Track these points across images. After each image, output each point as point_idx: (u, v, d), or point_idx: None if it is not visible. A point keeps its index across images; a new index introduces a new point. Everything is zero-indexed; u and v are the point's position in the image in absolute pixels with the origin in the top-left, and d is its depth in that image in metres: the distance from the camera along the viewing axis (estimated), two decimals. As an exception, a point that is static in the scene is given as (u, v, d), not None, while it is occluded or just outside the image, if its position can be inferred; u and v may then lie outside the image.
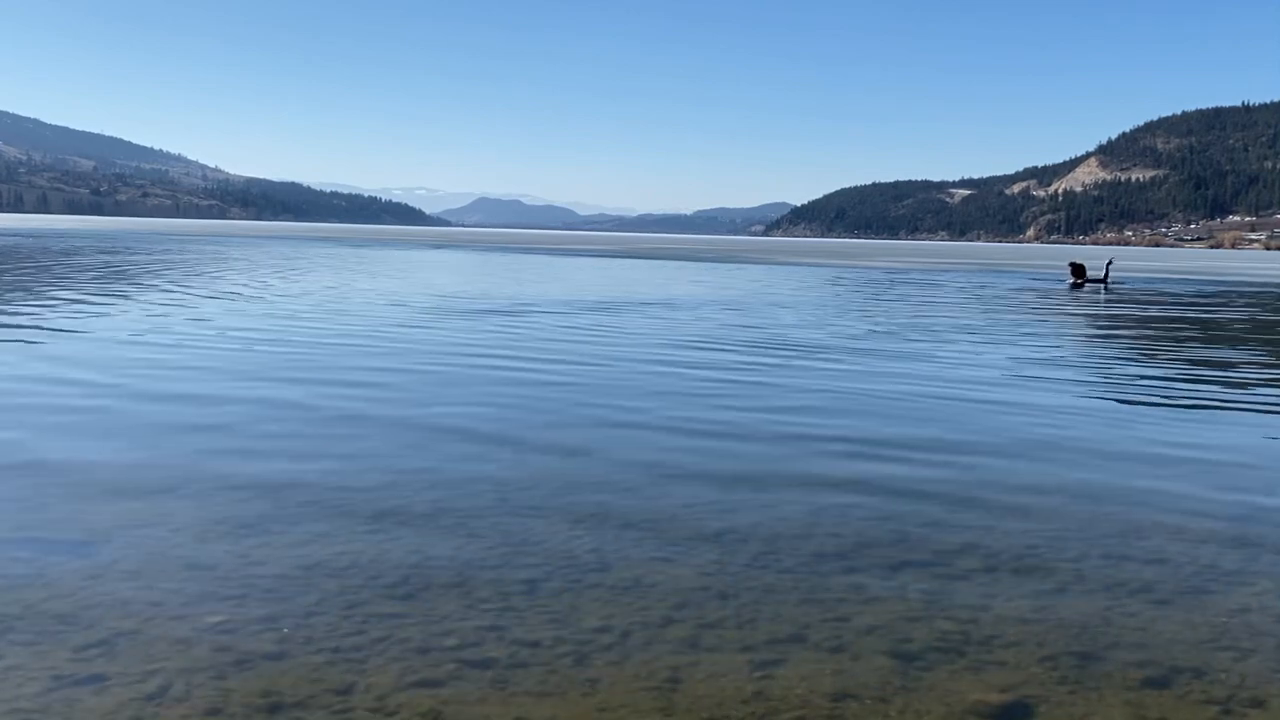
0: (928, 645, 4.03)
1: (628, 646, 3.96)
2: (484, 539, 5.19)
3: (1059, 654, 3.98)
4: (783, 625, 4.20)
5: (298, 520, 5.42)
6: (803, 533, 5.46)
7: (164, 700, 3.43)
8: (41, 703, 3.39)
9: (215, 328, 14.69)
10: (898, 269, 52.01)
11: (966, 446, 7.79)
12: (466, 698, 3.52)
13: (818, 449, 7.59)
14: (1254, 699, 3.66)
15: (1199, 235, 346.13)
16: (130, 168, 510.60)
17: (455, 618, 4.18)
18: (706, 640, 4.04)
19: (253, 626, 4.03)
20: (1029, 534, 5.54)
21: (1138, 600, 4.58)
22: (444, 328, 15.68)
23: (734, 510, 5.85)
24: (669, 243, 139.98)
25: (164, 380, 9.84)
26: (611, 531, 5.36)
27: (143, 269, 30.93)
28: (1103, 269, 31.60)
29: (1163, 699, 3.64)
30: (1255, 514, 6.11)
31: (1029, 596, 4.60)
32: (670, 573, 4.78)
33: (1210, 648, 4.08)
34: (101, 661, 3.70)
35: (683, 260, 57.57)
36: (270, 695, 3.49)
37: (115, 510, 5.51)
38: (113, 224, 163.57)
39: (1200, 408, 10.01)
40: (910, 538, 5.42)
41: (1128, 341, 16.80)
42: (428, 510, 5.65)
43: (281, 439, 7.41)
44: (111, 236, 75.78)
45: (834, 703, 3.55)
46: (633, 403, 9.32)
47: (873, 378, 11.39)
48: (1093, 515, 5.93)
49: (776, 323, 18.14)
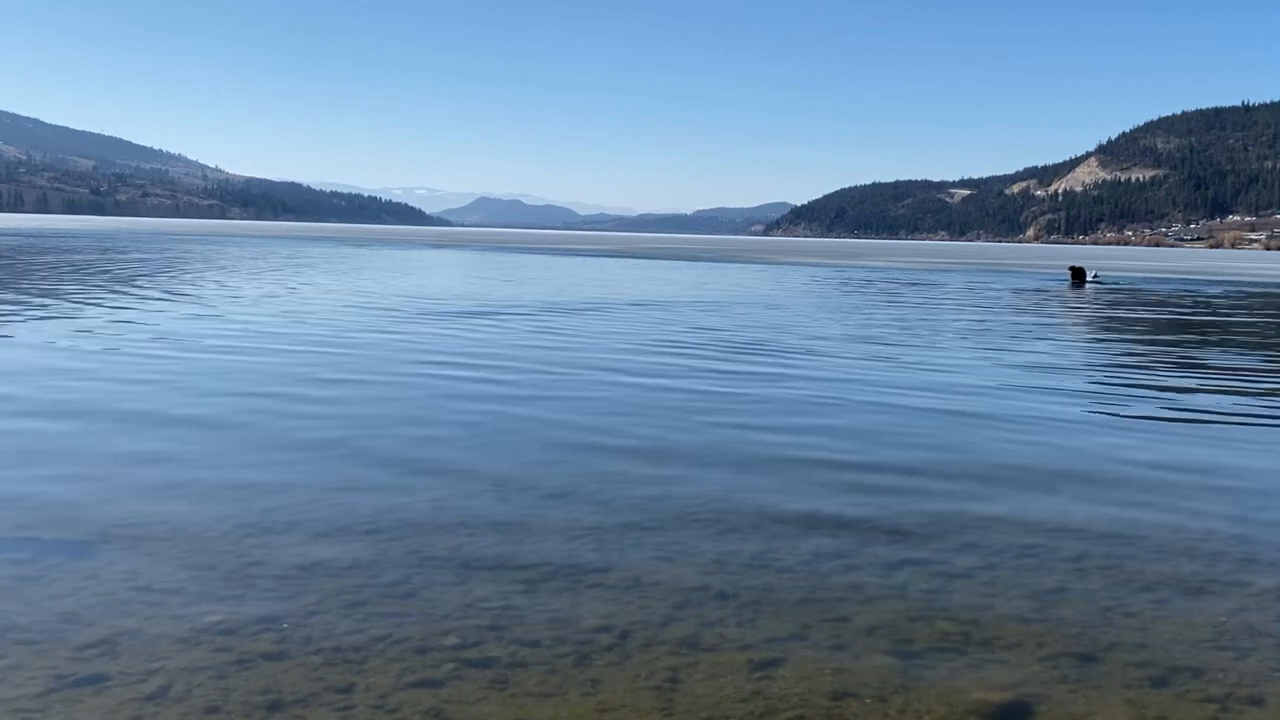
0: (928, 645, 4.03)
1: (628, 646, 3.96)
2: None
3: (1059, 654, 3.98)
4: (783, 625, 4.20)
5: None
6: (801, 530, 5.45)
7: (164, 700, 3.43)
8: (41, 703, 3.39)
9: (154, 334, 14.63)
10: (900, 269, 52.01)
11: (963, 449, 7.79)
12: (466, 698, 3.52)
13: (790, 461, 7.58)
14: (1252, 698, 3.66)
15: (1199, 235, 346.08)
16: (130, 167, 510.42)
17: (456, 617, 4.18)
18: (706, 640, 4.04)
19: (252, 626, 4.03)
20: (1029, 534, 5.54)
21: (1138, 600, 4.58)
22: (405, 331, 15.08)
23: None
24: (668, 243, 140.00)
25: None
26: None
27: (110, 270, 30.92)
28: (1091, 273, 38.48)
29: (1163, 698, 3.64)
30: (1254, 515, 6.11)
31: (1029, 596, 4.60)
32: (671, 572, 4.78)
33: (1210, 647, 4.08)
34: (101, 661, 3.70)
35: (678, 260, 57.54)
36: (270, 694, 3.49)
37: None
38: (111, 224, 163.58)
39: (1192, 402, 10.02)
40: (911, 537, 5.42)
41: (1121, 339, 16.81)
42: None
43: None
44: (97, 236, 75.68)
45: (834, 702, 3.55)
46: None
47: (849, 386, 11.38)
48: (1093, 515, 5.93)
49: (772, 324, 18.14)
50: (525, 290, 26.51)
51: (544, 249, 76.20)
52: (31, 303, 18.11)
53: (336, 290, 24.15)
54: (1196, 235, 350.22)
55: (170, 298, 20.13)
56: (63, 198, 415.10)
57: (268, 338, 13.67)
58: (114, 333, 13.75)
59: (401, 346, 13.19)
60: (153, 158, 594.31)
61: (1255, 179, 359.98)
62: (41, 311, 16.55)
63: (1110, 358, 14.47)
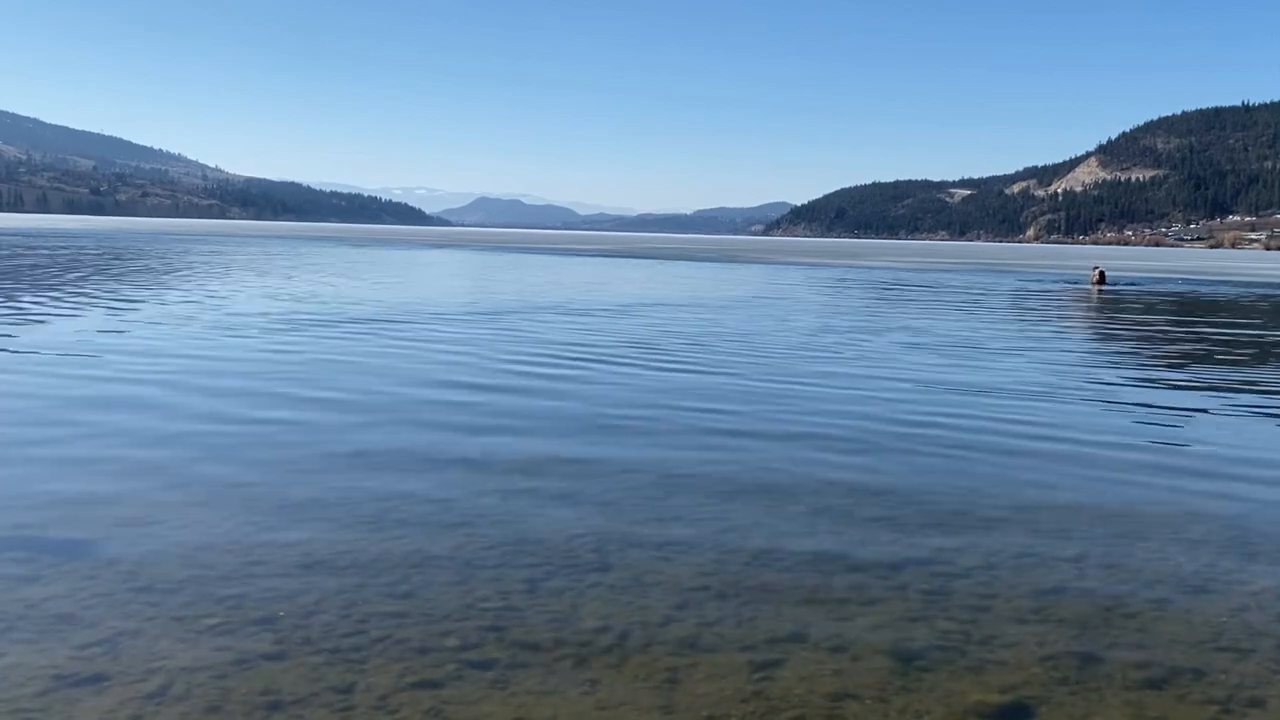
0: (928, 645, 4.03)
1: (627, 646, 3.96)
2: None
3: (1059, 654, 3.98)
4: (783, 625, 4.20)
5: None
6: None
7: (164, 700, 3.43)
8: (41, 703, 3.39)
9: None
10: (906, 269, 52.03)
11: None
12: (466, 698, 3.52)
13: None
14: (1253, 699, 3.66)
15: (1199, 235, 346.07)
16: (130, 167, 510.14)
17: (456, 617, 4.18)
18: (706, 640, 4.04)
19: (252, 626, 4.03)
20: (1030, 533, 5.54)
21: (1138, 600, 4.58)
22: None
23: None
24: (667, 242, 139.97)
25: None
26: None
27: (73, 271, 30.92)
28: (1095, 275, 38.96)
29: (1163, 699, 3.64)
30: (1255, 514, 6.11)
31: (1029, 596, 4.60)
32: (671, 573, 4.78)
33: (1210, 648, 4.08)
34: (101, 661, 3.69)
35: (674, 260, 57.55)
36: (270, 694, 3.49)
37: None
38: (111, 224, 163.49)
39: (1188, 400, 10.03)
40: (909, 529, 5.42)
41: (1127, 335, 16.83)
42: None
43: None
44: (85, 236, 75.68)
45: (834, 703, 3.55)
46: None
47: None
48: (1093, 515, 5.93)
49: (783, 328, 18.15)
50: (559, 289, 26.51)
51: (542, 249, 76.18)
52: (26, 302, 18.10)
53: (348, 287, 24.09)
54: (1196, 235, 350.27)
55: (186, 295, 20.13)
56: (63, 197, 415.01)
57: (270, 335, 13.68)
58: (115, 326, 13.75)
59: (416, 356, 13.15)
60: (153, 158, 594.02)
61: (1255, 179, 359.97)
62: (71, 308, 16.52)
63: (1112, 357, 14.48)
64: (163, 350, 12.03)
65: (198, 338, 13.40)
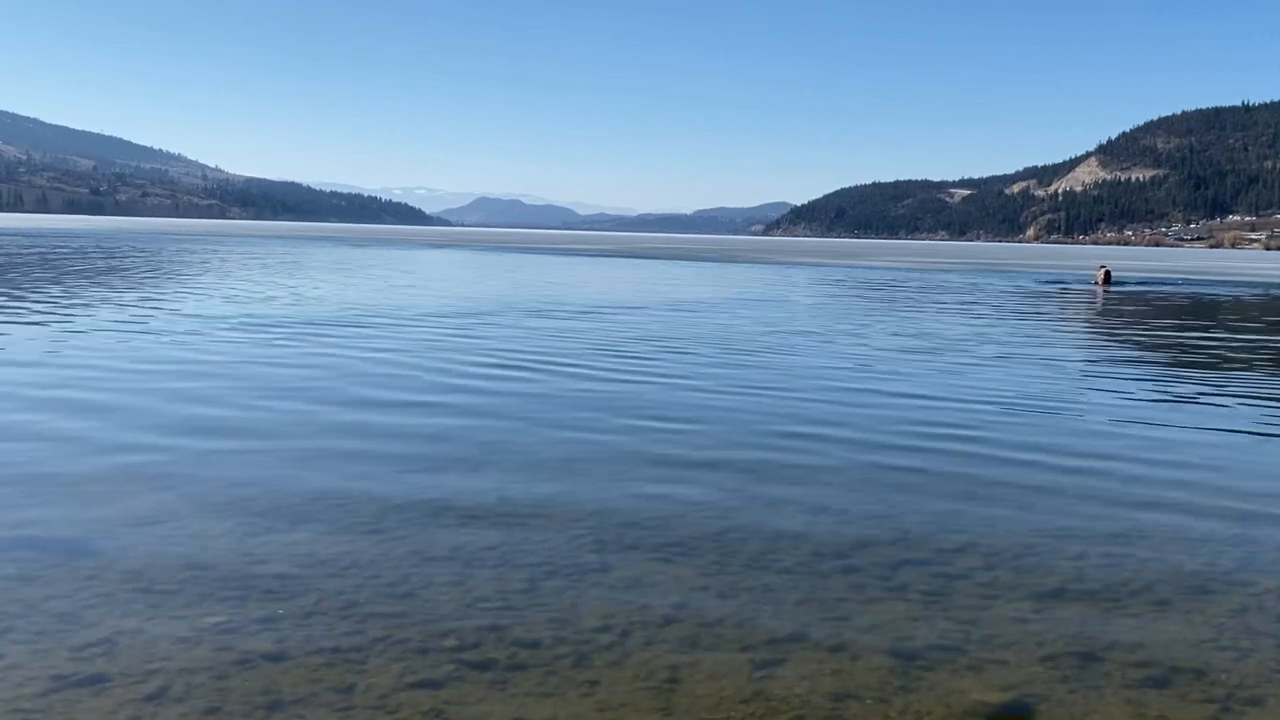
0: (928, 645, 4.03)
1: (628, 646, 3.96)
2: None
3: (1059, 654, 3.98)
4: (783, 625, 4.20)
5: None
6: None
7: (164, 700, 3.43)
8: (41, 703, 3.39)
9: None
10: (906, 269, 52.02)
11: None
12: (466, 698, 3.52)
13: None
14: (1253, 699, 3.66)
15: (1199, 235, 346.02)
16: (130, 167, 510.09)
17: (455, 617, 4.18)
18: (706, 640, 4.04)
19: (252, 626, 4.03)
20: (1030, 533, 5.54)
21: (1138, 600, 4.58)
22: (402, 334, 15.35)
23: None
24: (666, 242, 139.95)
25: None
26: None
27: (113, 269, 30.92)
28: (1100, 274, 39.09)
29: (1163, 699, 3.64)
30: (1255, 514, 6.10)
31: (1029, 597, 4.60)
32: (671, 572, 4.78)
33: (1210, 648, 4.08)
34: (101, 661, 3.69)
35: (671, 260, 57.53)
36: (270, 695, 3.49)
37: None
38: (111, 224, 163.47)
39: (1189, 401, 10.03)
40: (910, 536, 5.42)
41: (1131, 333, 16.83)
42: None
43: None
44: (83, 235, 75.67)
45: (834, 703, 3.55)
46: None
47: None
48: (1093, 515, 5.93)
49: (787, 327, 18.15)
50: (572, 288, 26.54)
51: (541, 249, 76.18)
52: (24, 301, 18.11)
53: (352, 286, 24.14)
54: (1196, 235, 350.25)
55: (187, 292, 20.13)
56: (63, 197, 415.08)
57: (272, 333, 13.68)
58: (116, 327, 13.75)
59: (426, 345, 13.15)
60: (152, 157, 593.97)
61: (1255, 179, 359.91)
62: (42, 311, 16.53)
63: (1110, 352, 14.48)
64: (163, 349, 12.03)
65: (197, 337, 13.41)
